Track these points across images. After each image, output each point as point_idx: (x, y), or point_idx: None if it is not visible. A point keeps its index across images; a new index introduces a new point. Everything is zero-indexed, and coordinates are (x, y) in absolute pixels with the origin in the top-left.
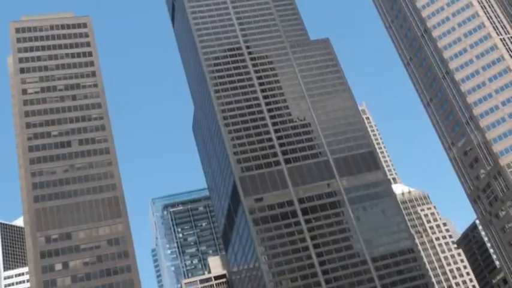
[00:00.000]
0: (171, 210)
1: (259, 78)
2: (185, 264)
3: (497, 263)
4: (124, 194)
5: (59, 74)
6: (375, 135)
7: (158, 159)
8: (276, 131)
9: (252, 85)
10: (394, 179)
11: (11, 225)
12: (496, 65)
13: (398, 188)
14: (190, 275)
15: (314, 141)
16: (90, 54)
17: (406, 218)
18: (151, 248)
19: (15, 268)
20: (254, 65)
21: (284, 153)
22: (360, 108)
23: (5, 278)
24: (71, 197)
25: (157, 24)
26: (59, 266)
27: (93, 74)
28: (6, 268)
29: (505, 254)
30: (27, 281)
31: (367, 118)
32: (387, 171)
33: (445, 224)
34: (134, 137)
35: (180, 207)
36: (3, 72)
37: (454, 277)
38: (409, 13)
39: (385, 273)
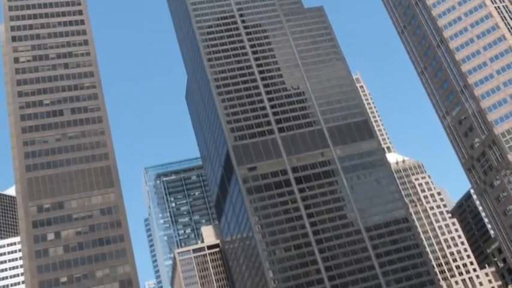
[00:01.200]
0: (164, 179)
1: (252, 46)
2: (178, 233)
3: (491, 232)
4: (116, 163)
5: (51, 43)
6: (369, 104)
7: (151, 128)
8: (270, 99)
9: (246, 53)
10: (388, 148)
11: (3, 195)
12: (490, 34)
13: (392, 157)
14: (183, 244)
15: (308, 110)
16: (82, 22)
17: (400, 187)
18: (144, 218)
19: (7, 238)
20: (247, 34)
21: (278, 122)
22: (354, 77)
23: None
24: (63, 166)
25: None
26: (51, 236)
27: (86, 42)
28: None
29: (499, 223)
30: (19, 250)
31: (361, 87)
32: (381, 140)
33: (439, 193)
34: (127, 106)
35: (173, 177)
36: None
37: (449, 246)
38: None
39: (379, 243)
